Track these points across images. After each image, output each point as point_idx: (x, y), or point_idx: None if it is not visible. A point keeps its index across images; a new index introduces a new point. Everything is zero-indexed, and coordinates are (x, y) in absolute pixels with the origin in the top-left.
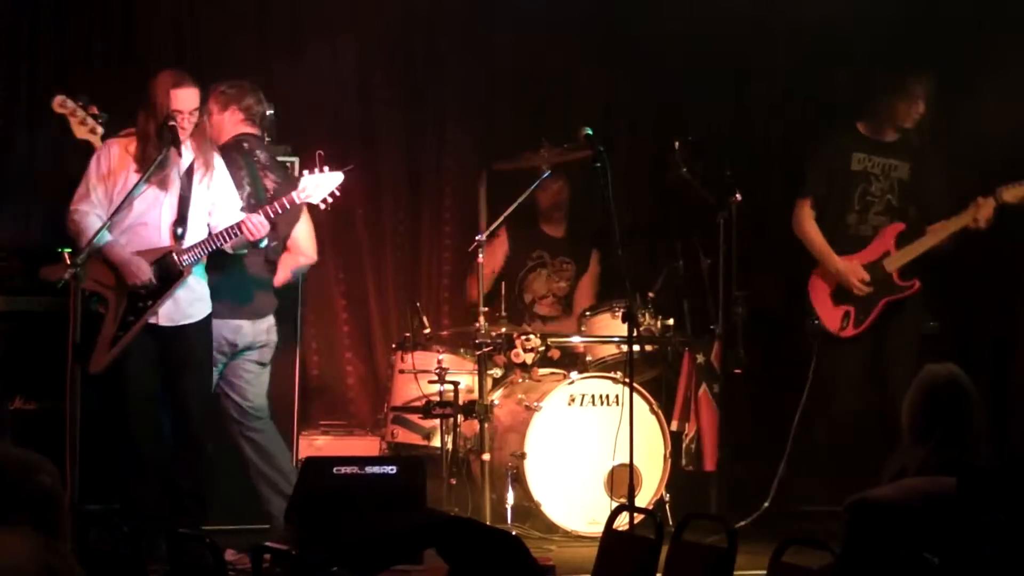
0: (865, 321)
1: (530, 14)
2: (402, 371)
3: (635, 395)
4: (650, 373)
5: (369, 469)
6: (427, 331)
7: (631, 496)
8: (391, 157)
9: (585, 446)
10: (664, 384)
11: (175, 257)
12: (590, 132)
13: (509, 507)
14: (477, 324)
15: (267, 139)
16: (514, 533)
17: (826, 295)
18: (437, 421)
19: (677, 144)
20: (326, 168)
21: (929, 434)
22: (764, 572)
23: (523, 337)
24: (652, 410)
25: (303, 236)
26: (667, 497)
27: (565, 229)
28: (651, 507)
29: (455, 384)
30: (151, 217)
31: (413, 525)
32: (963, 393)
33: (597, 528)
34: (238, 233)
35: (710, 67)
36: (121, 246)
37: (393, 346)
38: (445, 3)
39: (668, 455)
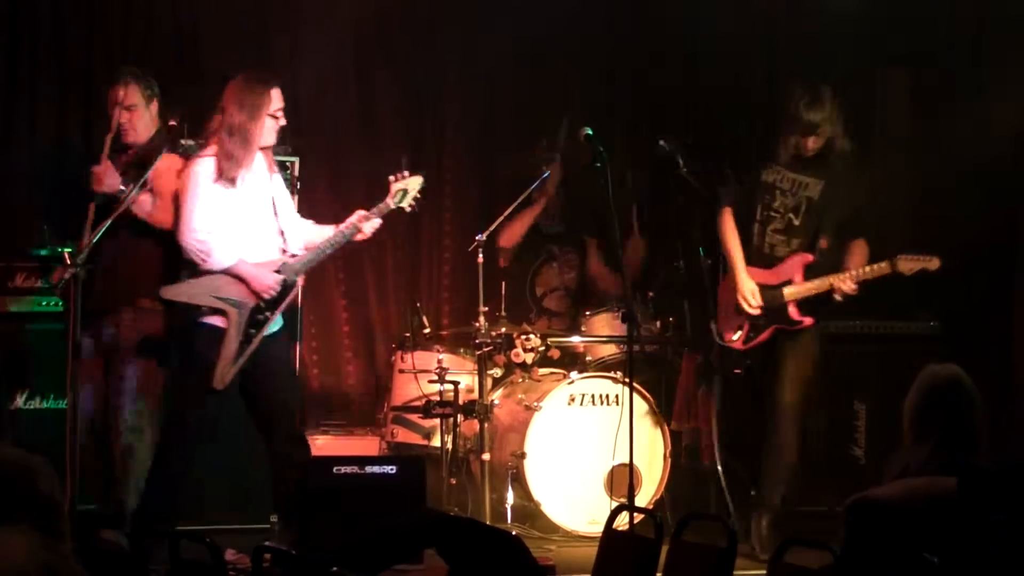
0: (753, 340)
1: (530, 14)
2: (402, 371)
3: (635, 395)
4: (650, 373)
5: (369, 469)
6: (427, 331)
7: (631, 496)
8: (391, 157)
9: (585, 446)
10: (664, 384)
11: (289, 266)
12: (590, 132)
13: (509, 507)
14: (477, 324)
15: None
16: (514, 533)
17: (730, 302)
18: (437, 421)
19: (662, 142)
20: (406, 173)
21: (930, 434)
22: (764, 572)
23: (523, 337)
24: (652, 410)
25: None
26: (667, 497)
27: (562, 223)
28: (651, 507)
29: (455, 384)
30: (258, 228)
31: (413, 525)
32: (964, 393)
33: (597, 528)
34: (351, 237)
35: (711, 66)
36: (246, 263)
37: (393, 346)
38: (445, 3)
39: (668, 455)
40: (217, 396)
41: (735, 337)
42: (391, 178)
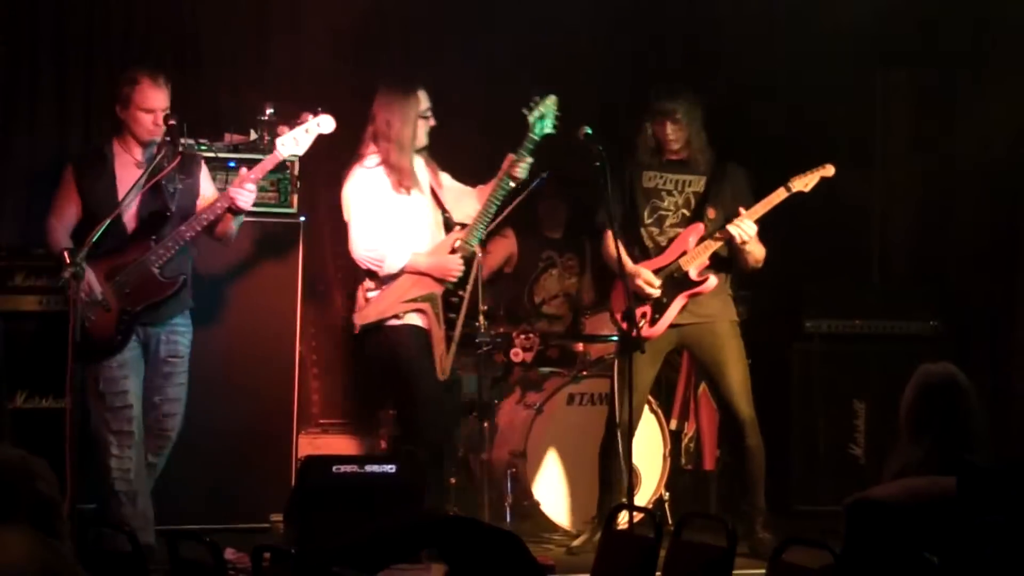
0: (662, 319)
1: (530, 13)
2: None
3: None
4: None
5: (369, 468)
6: None
7: (630, 495)
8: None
9: (584, 445)
10: (663, 383)
11: (463, 241)
12: (589, 131)
13: (508, 506)
14: (476, 323)
15: (267, 138)
16: (513, 532)
17: (619, 301)
18: None
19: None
20: (536, 98)
21: (926, 433)
22: (764, 572)
23: (522, 336)
24: (651, 409)
25: None
26: (666, 496)
27: (564, 228)
28: (650, 506)
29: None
30: (422, 219)
31: (412, 524)
32: (960, 391)
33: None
34: (508, 186)
35: (712, 66)
36: (421, 255)
37: None
38: (446, 1)
39: (667, 454)
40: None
41: (641, 324)
42: (524, 111)
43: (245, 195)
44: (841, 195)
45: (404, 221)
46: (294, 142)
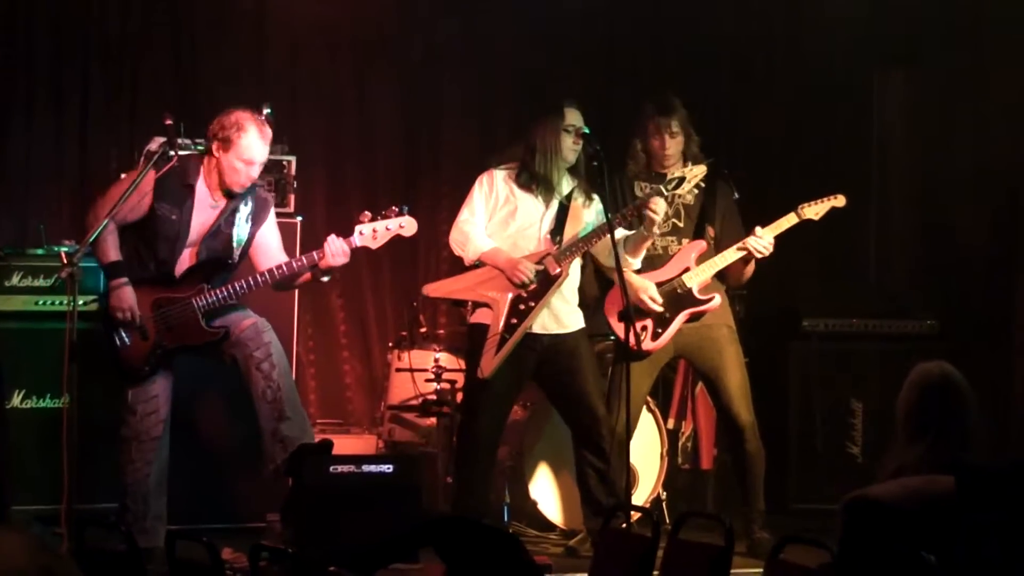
0: (663, 334)
1: (531, 13)
2: (399, 370)
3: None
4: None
5: (366, 468)
6: (424, 330)
7: (628, 494)
8: (388, 154)
9: None
10: (661, 382)
11: (552, 259)
12: (587, 131)
13: (506, 506)
14: None
15: None
16: (511, 532)
17: (614, 311)
18: (434, 420)
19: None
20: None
21: (923, 432)
22: (761, 571)
23: None
24: (649, 408)
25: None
26: (664, 495)
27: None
28: (648, 505)
29: (452, 383)
30: (532, 230)
31: (410, 524)
32: (956, 390)
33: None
34: (602, 234)
35: (708, 64)
36: (503, 252)
37: (390, 345)
38: (445, 1)
39: (665, 453)
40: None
41: (643, 338)
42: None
43: (342, 260)
44: (841, 207)
45: (516, 219)
46: (372, 235)
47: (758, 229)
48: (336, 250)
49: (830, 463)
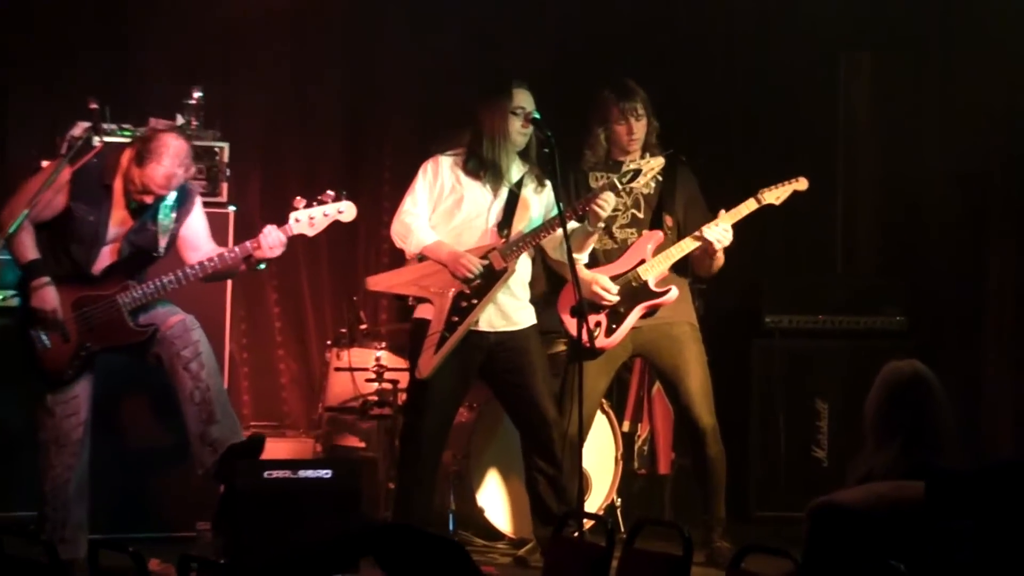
0: (616, 330)
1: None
2: (338, 369)
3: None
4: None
5: (302, 473)
6: (364, 327)
7: (580, 501)
8: (328, 142)
9: None
10: (615, 382)
11: (498, 254)
12: (538, 116)
13: (451, 513)
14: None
15: (194, 123)
16: (456, 541)
17: (567, 306)
18: (375, 422)
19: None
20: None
21: (893, 435)
22: None
23: None
24: (603, 409)
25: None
26: (618, 502)
27: None
28: (602, 513)
29: (394, 383)
30: (479, 221)
31: (349, 532)
32: (928, 391)
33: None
34: (553, 228)
35: (665, 45)
36: (447, 244)
37: (328, 342)
38: None
39: (619, 457)
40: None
41: (596, 334)
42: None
43: (279, 251)
44: (804, 190)
45: (462, 209)
46: (309, 222)
47: (722, 212)
48: (273, 242)
49: (794, 468)
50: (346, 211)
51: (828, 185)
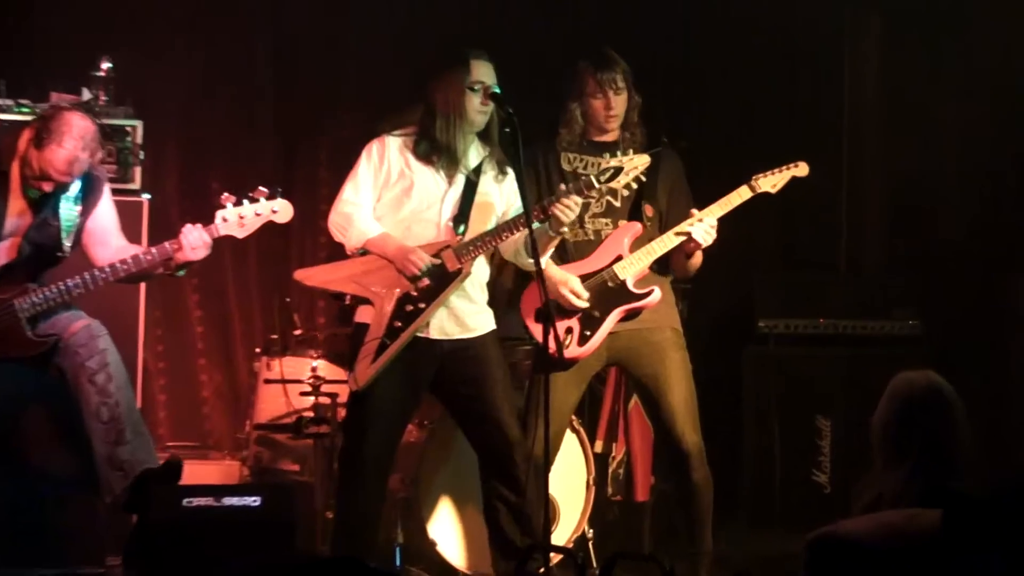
0: (591, 338)
1: None
2: (268, 381)
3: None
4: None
5: (227, 500)
6: (299, 332)
7: (546, 532)
8: (257, 122)
9: None
10: (588, 396)
11: (452, 253)
12: (498, 90)
13: (398, 546)
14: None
15: (103, 99)
16: None
17: (532, 310)
18: (311, 441)
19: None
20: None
21: (905, 456)
22: None
23: None
24: (572, 427)
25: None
26: (590, 533)
27: None
28: (571, 545)
29: (333, 397)
30: (431, 212)
31: (281, 568)
32: (944, 405)
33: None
34: (517, 229)
35: (653, 14)
36: (394, 238)
37: (257, 351)
38: None
39: (591, 482)
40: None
41: (567, 342)
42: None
43: (203, 253)
44: (804, 176)
45: (412, 199)
46: (238, 221)
47: (694, 212)
48: (195, 242)
49: (792, 494)
50: (281, 211)
51: (831, 171)
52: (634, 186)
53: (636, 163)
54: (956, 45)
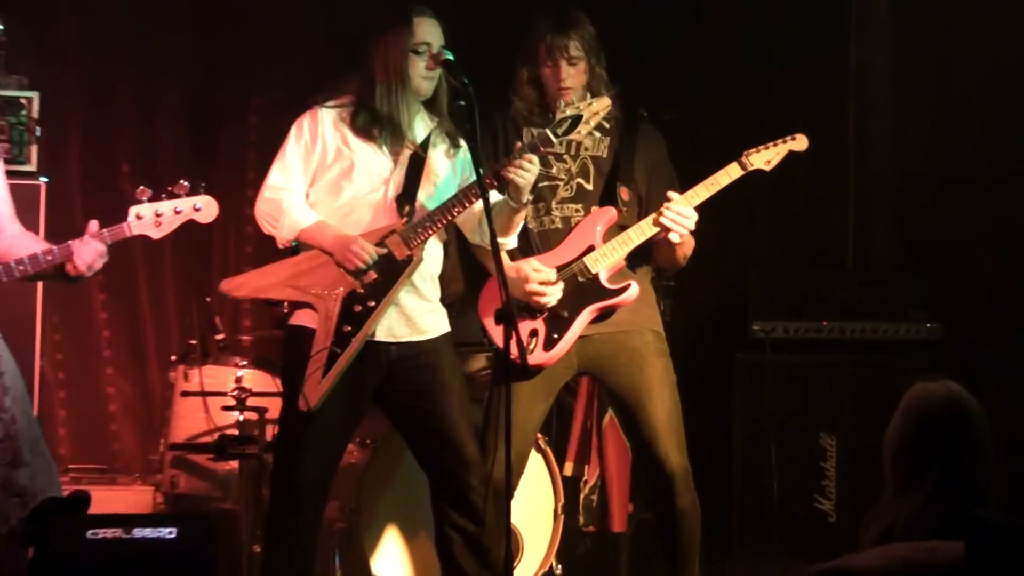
0: (559, 341)
1: None
2: (185, 393)
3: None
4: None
5: (138, 532)
6: (221, 337)
7: (508, 567)
8: (173, 95)
9: None
10: (556, 410)
11: (399, 238)
12: (451, 56)
13: None
14: None
15: None
16: None
17: (491, 309)
18: (236, 464)
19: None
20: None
21: (922, 479)
22: None
23: None
24: (538, 447)
25: None
26: (559, 569)
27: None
28: None
29: (261, 412)
30: (375, 196)
31: None
32: (968, 421)
33: None
34: (470, 201)
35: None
36: (332, 227)
37: (173, 358)
38: None
39: (560, 510)
40: None
41: (531, 347)
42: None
43: (99, 264)
44: (804, 151)
45: (353, 181)
46: (154, 221)
47: (672, 195)
48: (89, 257)
49: (791, 524)
50: (204, 208)
51: (836, 149)
52: (597, 135)
53: (596, 107)
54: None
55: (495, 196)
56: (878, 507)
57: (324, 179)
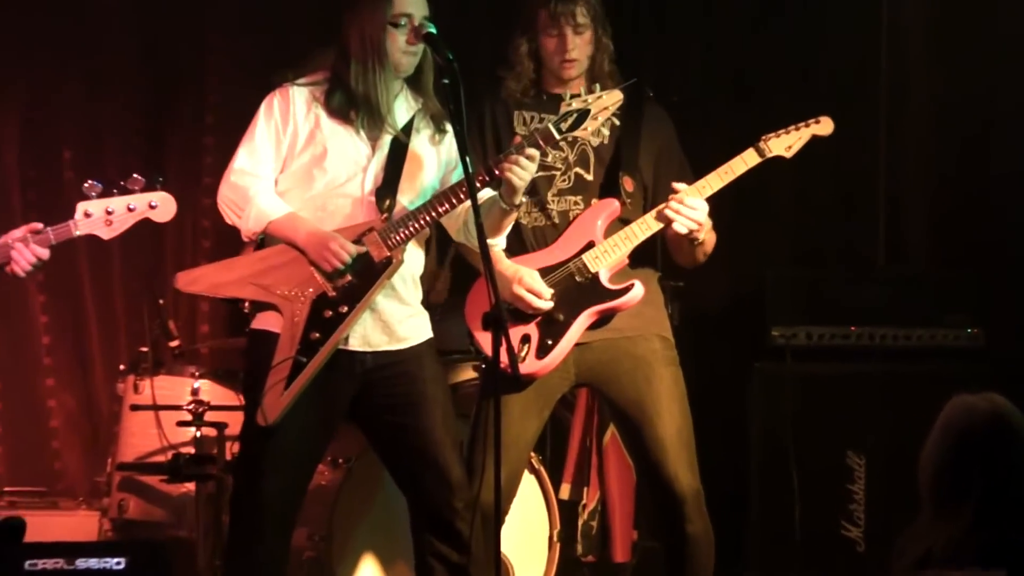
0: (553, 348)
1: None
2: (136, 407)
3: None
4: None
5: (82, 563)
6: (176, 344)
7: None
8: (122, 72)
9: None
10: (551, 426)
11: (378, 238)
12: (434, 30)
13: None
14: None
15: None
16: None
17: (479, 314)
18: (192, 486)
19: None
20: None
21: (962, 501)
22: None
23: None
24: (531, 467)
25: None
26: None
27: None
28: None
29: (220, 427)
30: (351, 186)
31: None
32: (1012, 436)
33: None
34: (457, 199)
35: None
36: (305, 220)
37: (121, 368)
38: None
39: (556, 538)
40: None
41: (523, 355)
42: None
43: (42, 259)
44: (829, 136)
45: (327, 169)
46: (104, 219)
47: (679, 186)
48: (27, 262)
49: (815, 552)
50: (161, 206)
51: (866, 132)
52: (606, 132)
53: (606, 101)
54: None
55: (485, 192)
56: (913, 532)
57: (295, 165)
